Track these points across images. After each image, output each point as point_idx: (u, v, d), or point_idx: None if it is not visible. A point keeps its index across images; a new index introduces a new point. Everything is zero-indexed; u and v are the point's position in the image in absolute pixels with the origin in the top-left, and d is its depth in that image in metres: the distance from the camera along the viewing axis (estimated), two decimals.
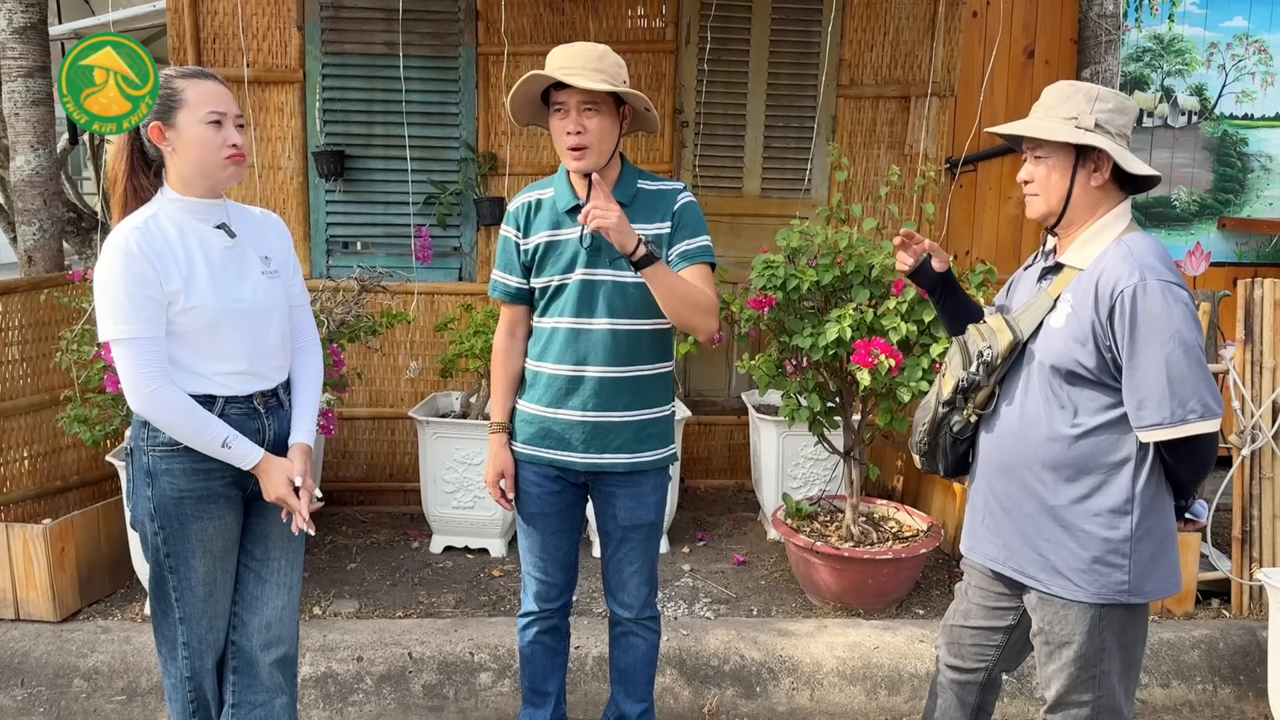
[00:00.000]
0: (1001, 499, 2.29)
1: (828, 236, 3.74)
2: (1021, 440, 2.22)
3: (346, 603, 3.93)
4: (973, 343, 2.30)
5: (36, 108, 4.21)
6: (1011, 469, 2.25)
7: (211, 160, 2.31)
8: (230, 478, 2.39)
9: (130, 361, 2.23)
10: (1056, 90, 2.21)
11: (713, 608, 3.94)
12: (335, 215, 5.05)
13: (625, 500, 2.72)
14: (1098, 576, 2.15)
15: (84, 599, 3.81)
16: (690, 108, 5.11)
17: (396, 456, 5.13)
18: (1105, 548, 2.14)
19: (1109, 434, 2.13)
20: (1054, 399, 2.17)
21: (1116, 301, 2.05)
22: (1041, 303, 2.22)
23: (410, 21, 4.89)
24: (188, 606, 2.41)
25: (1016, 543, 2.27)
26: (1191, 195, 5.67)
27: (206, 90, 2.31)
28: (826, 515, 4.20)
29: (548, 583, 2.81)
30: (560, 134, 2.55)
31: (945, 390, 2.31)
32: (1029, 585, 2.27)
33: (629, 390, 2.65)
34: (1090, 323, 2.10)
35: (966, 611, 2.49)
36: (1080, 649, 2.21)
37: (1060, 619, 2.22)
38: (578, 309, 2.62)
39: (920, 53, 5.12)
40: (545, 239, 2.63)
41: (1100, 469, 2.14)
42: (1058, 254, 2.26)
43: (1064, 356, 2.14)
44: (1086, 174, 2.16)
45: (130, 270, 2.21)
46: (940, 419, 2.32)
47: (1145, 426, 2.06)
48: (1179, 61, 5.55)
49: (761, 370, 3.80)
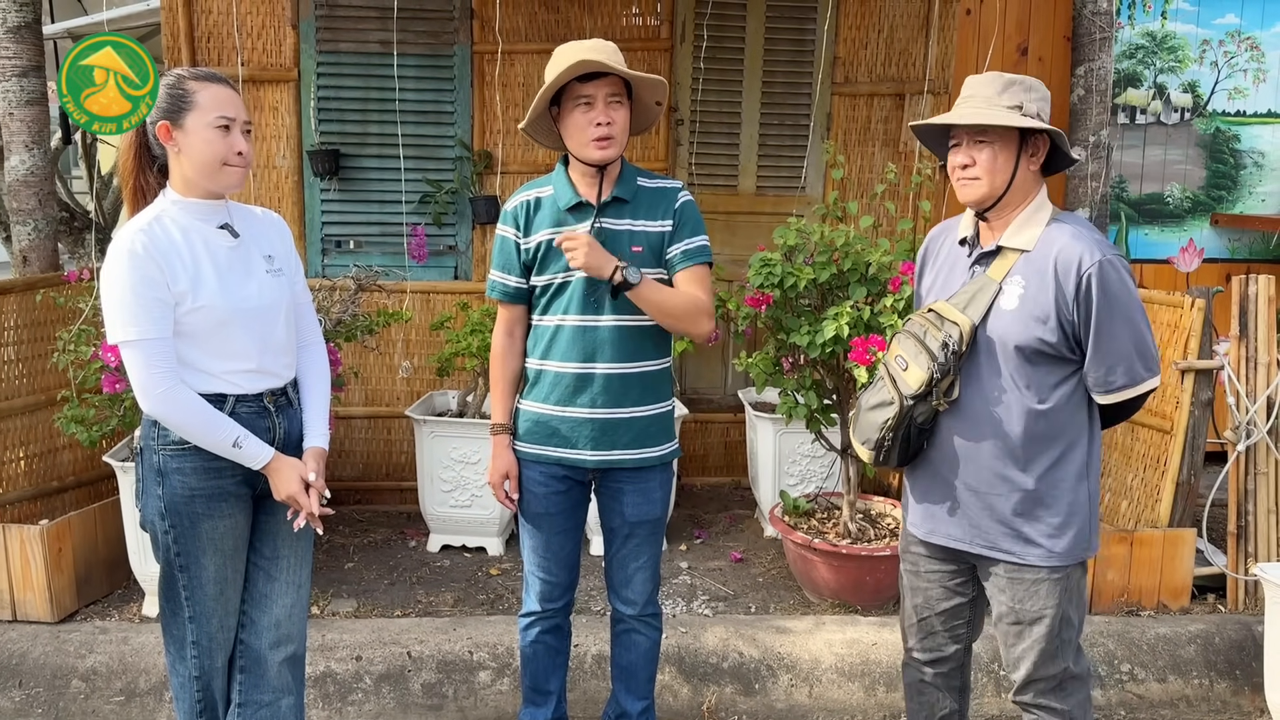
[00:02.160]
0: (969, 481, 2.33)
1: (824, 234, 3.75)
2: (990, 422, 2.28)
3: (344, 602, 3.93)
4: (929, 334, 2.31)
5: (31, 107, 4.20)
6: (981, 451, 2.30)
7: (214, 165, 2.31)
8: (241, 476, 2.39)
9: (141, 363, 2.23)
10: (991, 80, 2.27)
11: (711, 605, 3.95)
12: (330, 214, 5.04)
13: (633, 496, 2.73)
14: (1067, 539, 2.27)
15: (81, 599, 3.80)
16: (686, 106, 5.11)
17: (393, 455, 5.12)
18: (1070, 510, 2.27)
19: (1069, 403, 2.25)
20: (1017, 378, 2.24)
21: (1085, 279, 2.16)
22: (986, 287, 2.28)
23: (405, 20, 4.88)
24: (198, 605, 2.41)
25: (986, 521, 2.32)
26: (1184, 192, 5.69)
27: (218, 94, 2.31)
28: (824, 512, 4.21)
29: (552, 582, 2.81)
30: (585, 126, 2.54)
31: (912, 384, 2.30)
32: (1000, 559, 2.32)
33: (637, 385, 2.67)
34: (1053, 300, 2.19)
35: (927, 600, 2.52)
36: (1051, 621, 2.30)
37: (1031, 593, 2.29)
38: (584, 306, 2.62)
39: (914, 50, 5.13)
40: (548, 237, 2.62)
41: (1064, 437, 2.25)
42: (994, 238, 2.32)
43: (1026, 335, 2.21)
44: (1027, 159, 2.27)
45: (137, 272, 2.21)
46: (906, 413, 2.31)
47: (1113, 389, 2.22)
48: (1172, 58, 5.57)
49: (759, 368, 3.80)
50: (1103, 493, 4.28)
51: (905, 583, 2.58)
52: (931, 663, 2.56)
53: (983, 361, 2.28)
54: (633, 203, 2.64)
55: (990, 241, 2.33)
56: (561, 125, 2.63)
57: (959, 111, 2.28)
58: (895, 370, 2.35)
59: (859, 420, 2.43)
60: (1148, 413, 4.06)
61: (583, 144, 2.57)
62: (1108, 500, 4.24)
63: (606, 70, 2.51)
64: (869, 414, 2.39)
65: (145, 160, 2.37)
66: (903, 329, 2.41)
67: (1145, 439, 4.07)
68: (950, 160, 2.33)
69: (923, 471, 2.43)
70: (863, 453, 2.42)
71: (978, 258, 2.35)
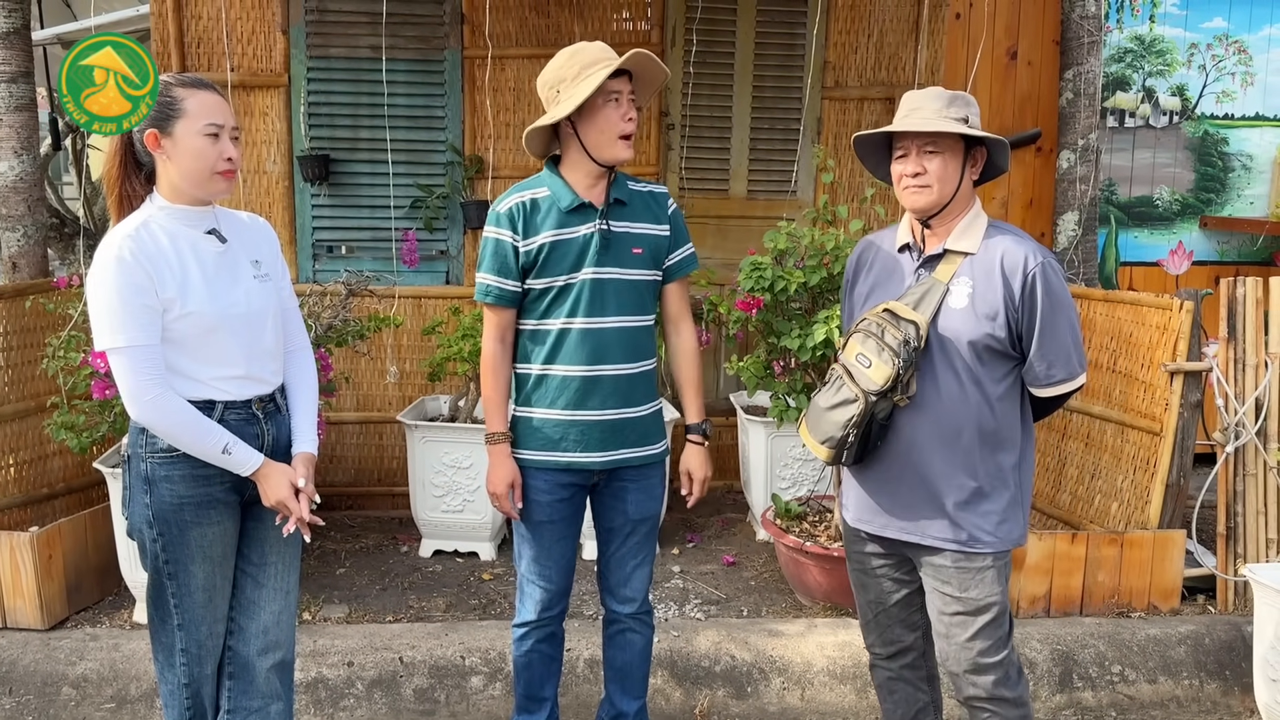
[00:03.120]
0: (922, 473, 2.41)
1: (814, 238, 3.76)
2: (944, 416, 2.38)
3: (336, 608, 3.92)
4: (887, 332, 2.36)
5: (20, 113, 4.19)
6: (934, 444, 2.39)
7: (203, 173, 2.30)
8: (229, 483, 2.38)
9: (129, 370, 2.22)
10: (935, 95, 2.38)
11: (703, 608, 3.95)
12: (321, 219, 5.04)
13: (636, 494, 2.76)
14: (1007, 526, 2.41)
15: (72, 606, 3.79)
16: (676, 110, 5.12)
17: (385, 460, 5.12)
18: (1008, 499, 2.40)
19: (1011, 397, 2.39)
20: (968, 374, 2.35)
21: (1030, 279, 2.30)
22: (935, 288, 2.38)
23: (395, 25, 4.89)
24: (187, 613, 2.40)
25: (933, 512, 2.41)
26: (1173, 195, 5.71)
27: (206, 101, 2.30)
28: (815, 515, 4.21)
29: (551, 590, 2.79)
30: (615, 121, 2.56)
31: (877, 380, 2.35)
32: (947, 549, 2.40)
33: (642, 385, 2.72)
34: (1001, 299, 2.31)
35: (879, 595, 2.61)
36: (996, 609, 2.41)
37: (977, 580, 2.40)
38: (590, 308, 2.61)
39: (904, 54, 5.15)
40: (549, 239, 2.60)
41: (1006, 430, 2.39)
42: (938, 243, 2.41)
43: (978, 332, 2.33)
44: (968, 169, 2.40)
45: (124, 278, 2.20)
46: (869, 409, 2.36)
47: (1053, 383, 2.36)
48: (1160, 62, 5.60)
49: (750, 372, 3.81)
50: (1093, 495, 4.29)
51: (854, 580, 2.67)
52: (894, 655, 2.65)
53: (936, 358, 2.38)
54: (630, 205, 2.67)
55: (934, 246, 2.43)
56: (582, 124, 2.57)
57: (910, 120, 2.37)
58: (856, 368, 2.40)
59: (816, 420, 2.47)
60: (1138, 415, 4.08)
61: (610, 141, 2.57)
62: (1098, 502, 4.26)
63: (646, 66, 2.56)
64: (829, 413, 2.43)
65: (131, 167, 2.36)
66: (858, 329, 2.45)
67: (1135, 441, 4.09)
68: (896, 170, 2.43)
69: (873, 467, 2.49)
70: (821, 452, 2.46)
71: (922, 262, 2.44)
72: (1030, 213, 5.52)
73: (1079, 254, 5.03)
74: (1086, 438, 4.37)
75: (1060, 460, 4.52)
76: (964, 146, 2.38)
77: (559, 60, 2.58)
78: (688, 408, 2.81)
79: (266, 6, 4.85)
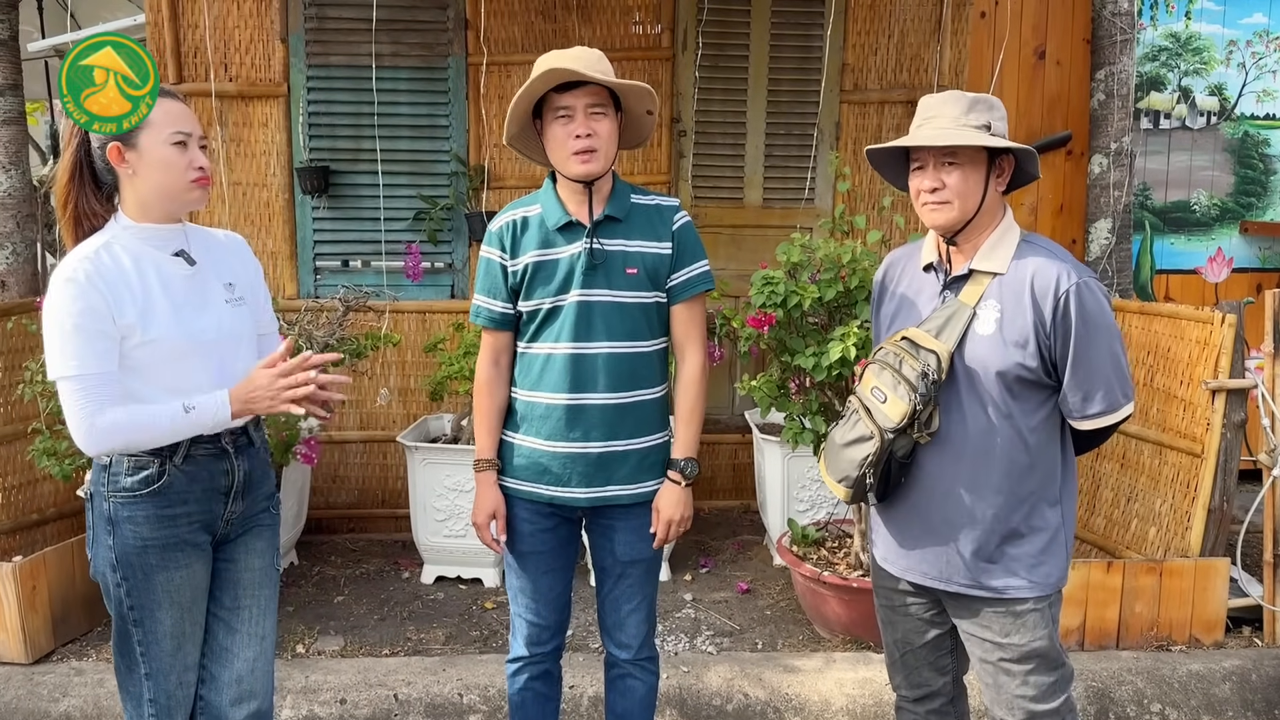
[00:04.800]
0: (949, 515, 2.21)
1: (830, 250, 3.55)
2: (971, 453, 2.17)
3: (331, 639, 3.76)
4: (904, 363, 2.17)
5: (8, 127, 4.07)
6: (961, 483, 2.18)
7: (176, 184, 2.17)
8: (198, 523, 2.23)
9: (77, 399, 2.07)
10: (954, 99, 2.17)
11: (715, 641, 3.75)
12: (322, 233, 4.89)
13: (625, 534, 2.55)
14: (1048, 568, 2.19)
15: (58, 639, 3.65)
16: (688, 116, 4.94)
17: (389, 481, 4.95)
18: (1048, 539, 2.19)
19: (1046, 430, 2.17)
20: (998, 407, 2.14)
21: (1062, 301, 2.08)
22: (960, 312, 2.17)
23: (397, 32, 4.74)
24: (154, 661, 2.26)
25: (965, 556, 2.21)
26: (1211, 199, 5.47)
27: (171, 110, 2.17)
28: (834, 541, 4.01)
29: (540, 625, 2.63)
30: (565, 139, 2.39)
31: (893, 416, 2.16)
32: (983, 595, 2.20)
33: (633, 417, 2.50)
34: (1031, 324, 2.10)
35: (905, 635, 2.40)
36: (1045, 652, 2.20)
37: (1018, 625, 2.19)
38: (575, 332, 2.44)
39: (926, 55, 4.94)
40: (534, 259, 2.45)
41: (1043, 465, 2.17)
42: (964, 262, 2.21)
43: (1007, 361, 2.12)
44: (994, 179, 2.18)
45: (79, 303, 2.06)
46: (886, 447, 2.17)
47: (1090, 415, 2.13)
48: (1197, 60, 5.36)
49: (762, 392, 3.61)
50: (1129, 519, 4.06)
51: (881, 618, 2.46)
52: (921, 699, 2.44)
53: (962, 390, 2.17)
54: (626, 221, 2.48)
55: (960, 266, 2.22)
56: (544, 139, 2.46)
57: (924, 133, 2.17)
58: (872, 403, 2.21)
59: (833, 457, 2.28)
60: (1177, 434, 3.85)
61: (564, 159, 2.41)
62: (1135, 527, 4.02)
63: (581, 79, 2.34)
64: (845, 450, 2.24)
65: (87, 184, 2.21)
66: (874, 359, 2.26)
67: (1174, 462, 3.85)
68: (914, 184, 2.21)
69: (898, 507, 2.29)
70: (839, 491, 2.27)
71: (948, 283, 2.23)
72: (1061, 220, 5.29)
73: (1113, 263, 4.80)
74: (1122, 458, 4.13)
75: (1094, 482, 4.28)
76: (988, 155, 2.18)
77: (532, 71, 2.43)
78: (676, 440, 2.60)
79: (265, 14, 4.71)
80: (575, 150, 2.38)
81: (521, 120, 2.48)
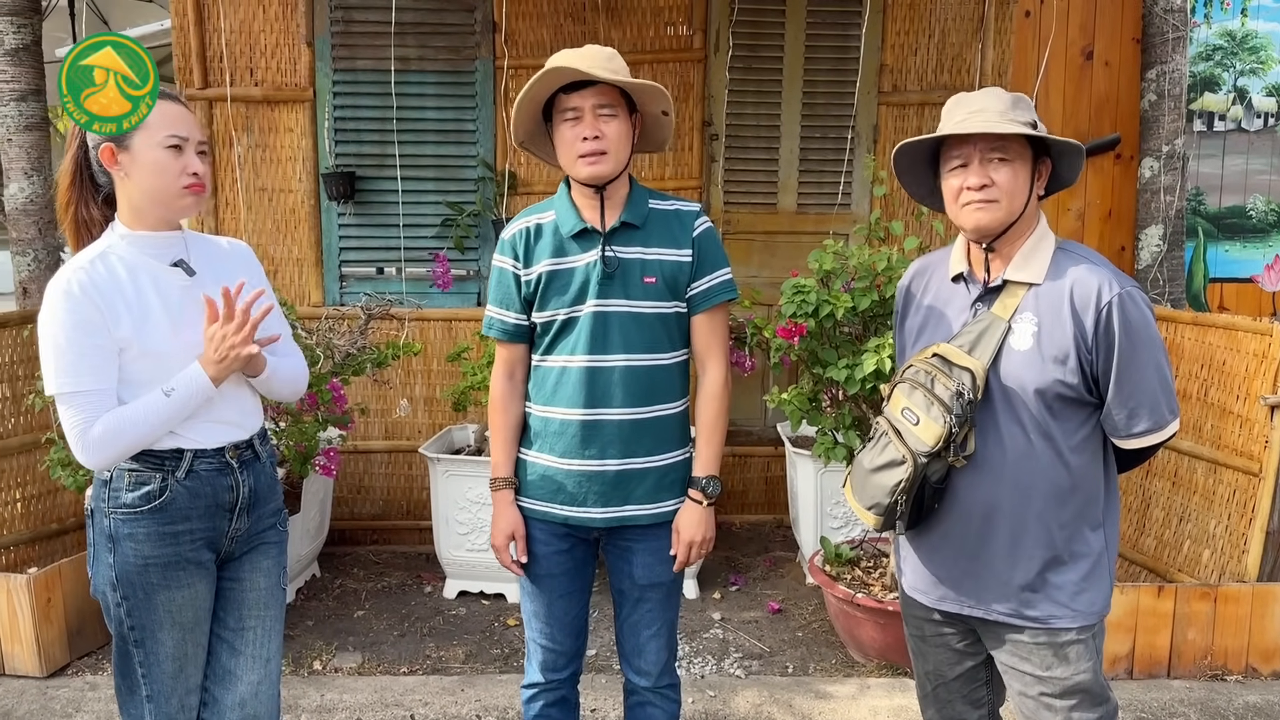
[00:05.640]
0: (987, 541, 2.06)
1: (864, 257, 3.41)
2: (1009, 476, 2.02)
3: (350, 655, 3.67)
4: (937, 382, 2.02)
5: (30, 133, 4.03)
6: (1004, 509, 2.03)
7: (168, 189, 2.08)
8: (201, 541, 2.15)
9: (75, 417, 2.00)
10: (996, 95, 2.02)
11: (743, 664, 3.61)
12: (348, 239, 4.82)
13: (644, 556, 2.42)
14: (1092, 595, 2.06)
15: (73, 652, 3.60)
16: (720, 119, 4.81)
17: (414, 492, 4.87)
18: (1091, 565, 2.05)
19: (1087, 449, 2.04)
20: (1038, 426, 2.00)
21: (1104, 313, 1.96)
22: (994, 326, 2.02)
23: (424, 35, 4.66)
24: (155, 684, 2.17)
25: (1005, 584, 2.06)
26: (1269, 204, 5.25)
27: (168, 112, 2.09)
28: (870, 560, 3.85)
29: (555, 650, 2.51)
30: (573, 141, 2.27)
31: (927, 440, 2.00)
32: (1024, 625, 2.05)
33: (651, 433, 2.37)
34: (1072, 338, 1.97)
35: (938, 667, 2.25)
36: (1089, 687, 2.06)
37: (1060, 657, 2.05)
38: (591, 345, 2.32)
39: (968, 55, 4.77)
40: (548, 268, 2.34)
41: (1085, 487, 2.04)
42: (999, 271, 2.07)
43: (1044, 378, 1.98)
44: (1037, 182, 2.06)
45: (74, 316, 1.99)
46: (920, 472, 2.01)
47: (1135, 434, 2.01)
48: (1254, 59, 5.15)
49: (793, 405, 3.47)
50: (1181, 540, 3.86)
51: (912, 648, 2.30)
52: None
53: (998, 409, 2.01)
54: (644, 228, 2.35)
55: (994, 275, 2.07)
56: (553, 143, 2.36)
57: (975, 121, 2.00)
58: (904, 425, 2.05)
59: (861, 483, 2.12)
60: (1233, 452, 3.65)
61: (571, 161, 2.30)
62: (1187, 549, 3.82)
63: (586, 78, 2.22)
64: (875, 476, 2.08)
65: (87, 189, 2.15)
66: (903, 378, 2.11)
67: (1230, 482, 3.66)
68: (954, 183, 2.05)
69: (930, 534, 2.14)
70: (868, 518, 2.12)
71: (985, 292, 2.08)
72: (1109, 225, 5.09)
73: (1164, 271, 4.60)
74: (1174, 476, 3.94)
75: (1144, 500, 4.09)
76: (1032, 156, 2.04)
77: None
78: (697, 457, 2.46)
79: (290, 18, 4.65)
80: (582, 152, 2.26)
81: (530, 122, 2.37)
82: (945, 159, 2.08)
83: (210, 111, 4.66)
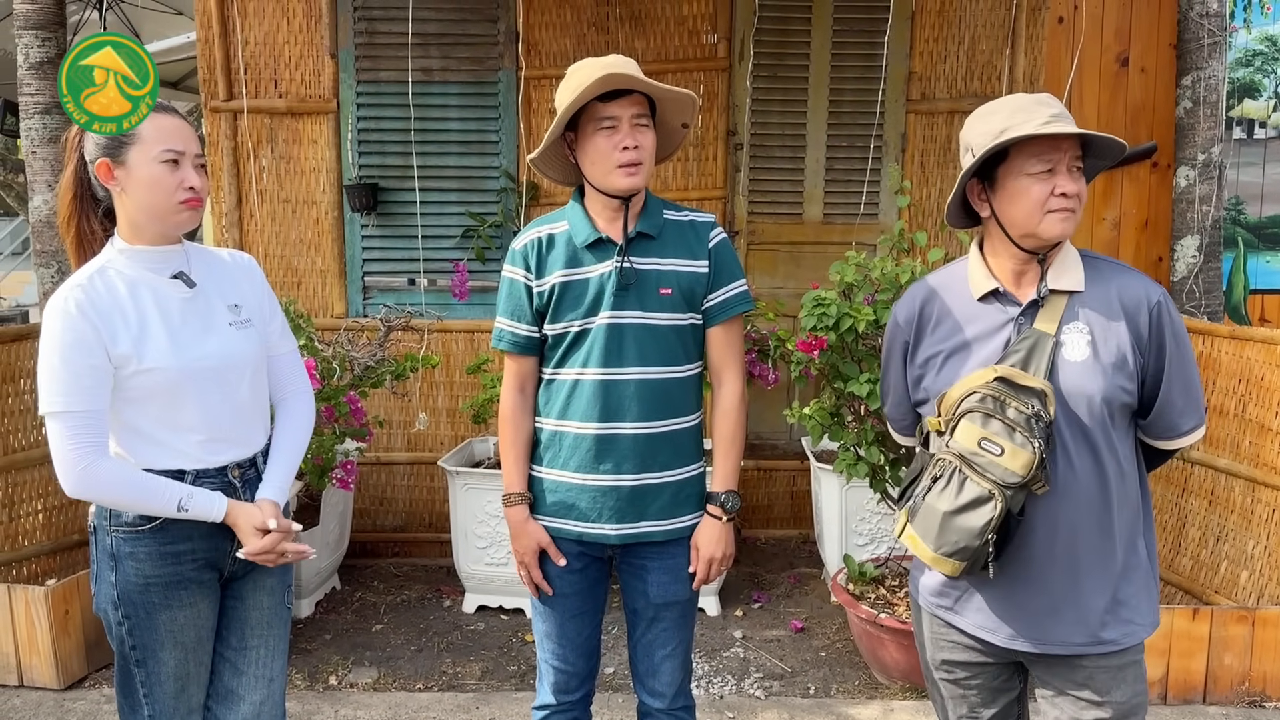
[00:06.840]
0: (1073, 569, 1.94)
1: (887, 269, 3.33)
2: (1079, 495, 1.93)
3: (366, 670, 3.64)
4: (1009, 406, 1.88)
5: (54, 146, 4.06)
6: (1085, 532, 1.93)
7: (163, 204, 2.05)
8: (203, 560, 2.12)
9: (63, 438, 1.97)
10: (1052, 100, 1.93)
11: (764, 684, 3.53)
12: (371, 250, 4.82)
13: (659, 574, 2.36)
14: (1148, 607, 2.00)
15: (91, 664, 3.59)
16: (744, 128, 4.75)
17: (436, 504, 4.84)
18: (1144, 575, 2.00)
19: (1134, 457, 2.02)
20: (1104, 438, 1.93)
21: (1154, 313, 1.94)
22: (1042, 341, 1.93)
23: (447, 46, 4.65)
24: (157, 704, 2.15)
25: (1079, 614, 1.95)
26: None
27: (164, 126, 2.06)
28: (895, 579, 3.76)
29: (567, 672, 2.46)
30: (610, 151, 2.22)
31: (1017, 469, 1.85)
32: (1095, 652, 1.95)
33: (667, 447, 2.31)
34: (1129, 341, 1.93)
35: (972, 708, 2.13)
36: (1141, 708, 2.00)
37: (1120, 679, 1.96)
38: (605, 357, 2.27)
39: (999, 63, 4.68)
40: (561, 279, 2.29)
41: (1132, 496, 1.99)
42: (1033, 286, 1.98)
43: (1110, 387, 1.92)
44: None
45: (69, 335, 1.96)
46: (1006, 506, 1.87)
47: (1184, 432, 2.00)
48: None
49: (814, 420, 3.40)
50: (1218, 561, 3.74)
51: (945, 693, 2.15)
52: None
53: (1063, 427, 1.91)
54: (659, 239, 2.31)
55: (1030, 290, 1.97)
56: (580, 152, 2.29)
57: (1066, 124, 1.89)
58: (986, 458, 1.89)
59: (939, 528, 1.93)
60: (1272, 470, 3.53)
61: (607, 171, 2.24)
62: (1224, 570, 3.70)
63: (633, 87, 2.18)
64: (958, 519, 1.90)
65: (87, 204, 2.12)
66: (968, 409, 1.93)
67: (1268, 500, 3.54)
68: (1039, 189, 1.90)
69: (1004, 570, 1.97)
70: (944, 566, 1.93)
71: (1028, 306, 1.97)
72: (1145, 236, 4.96)
73: (1200, 283, 4.47)
74: (1211, 494, 3.82)
75: (1180, 519, 3.97)
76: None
77: (565, 80, 2.25)
78: (715, 472, 2.40)
79: (314, 30, 4.66)
80: (622, 162, 2.21)
81: (558, 131, 2.31)
82: (1022, 162, 1.91)
83: (235, 123, 4.67)
